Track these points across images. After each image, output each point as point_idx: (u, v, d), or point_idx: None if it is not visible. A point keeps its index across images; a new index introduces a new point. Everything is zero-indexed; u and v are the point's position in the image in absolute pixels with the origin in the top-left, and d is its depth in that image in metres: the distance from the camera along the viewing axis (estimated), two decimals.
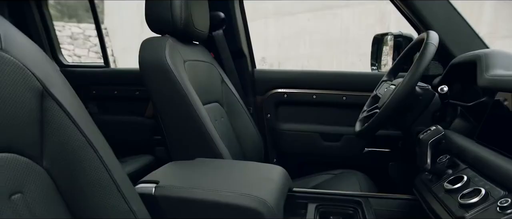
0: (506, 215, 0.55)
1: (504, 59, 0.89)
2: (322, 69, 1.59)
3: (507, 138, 0.70)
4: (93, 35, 6.80)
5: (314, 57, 5.69)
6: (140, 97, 1.65)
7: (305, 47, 5.78)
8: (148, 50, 1.04)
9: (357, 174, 1.30)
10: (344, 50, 5.53)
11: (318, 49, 5.70)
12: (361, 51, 5.46)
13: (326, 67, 5.58)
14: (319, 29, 5.62)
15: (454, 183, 0.71)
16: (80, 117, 0.57)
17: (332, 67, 5.78)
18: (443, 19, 1.22)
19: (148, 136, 1.67)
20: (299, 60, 5.69)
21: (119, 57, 6.27)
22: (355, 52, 5.47)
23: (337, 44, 5.57)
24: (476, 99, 0.92)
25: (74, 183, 0.57)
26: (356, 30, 5.48)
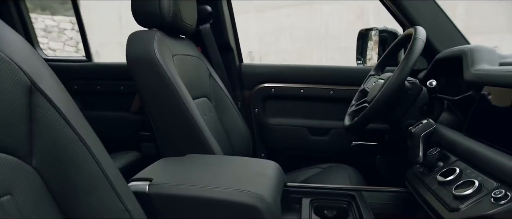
0: (500, 206, 0.56)
1: (488, 55, 0.92)
2: (304, 63, 1.59)
3: (495, 131, 0.72)
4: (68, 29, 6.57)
5: (295, 52, 5.72)
6: (125, 92, 1.61)
7: (285, 42, 5.81)
8: (136, 43, 1.01)
9: (346, 167, 1.32)
10: (324, 45, 5.59)
11: (299, 44, 5.74)
12: (341, 46, 5.54)
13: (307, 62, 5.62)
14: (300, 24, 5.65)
15: (446, 176, 0.72)
16: (71, 112, 0.54)
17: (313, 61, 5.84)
18: (428, 16, 1.25)
19: (133, 131, 1.63)
20: (279, 54, 5.71)
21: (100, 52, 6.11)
22: (335, 47, 5.54)
23: (318, 39, 5.62)
24: (462, 93, 0.95)
25: (66, 182, 0.54)
26: (336, 25, 5.55)
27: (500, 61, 0.91)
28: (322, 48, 5.61)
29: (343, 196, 0.91)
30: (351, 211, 0.87)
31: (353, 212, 0.85)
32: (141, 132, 1.60)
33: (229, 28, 1.51)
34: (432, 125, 0.80)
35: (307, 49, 5.69)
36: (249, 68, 1.57)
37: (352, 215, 0.85)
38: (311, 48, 5.67)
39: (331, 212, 0.87)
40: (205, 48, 1.42)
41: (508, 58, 0.94)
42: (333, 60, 5.48)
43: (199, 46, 1.38)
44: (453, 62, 1.08)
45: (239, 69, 1.56)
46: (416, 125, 0.83)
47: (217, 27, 1.45)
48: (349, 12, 5.39)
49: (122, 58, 1.08)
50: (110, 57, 2.08)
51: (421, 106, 1.01)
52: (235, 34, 1.55)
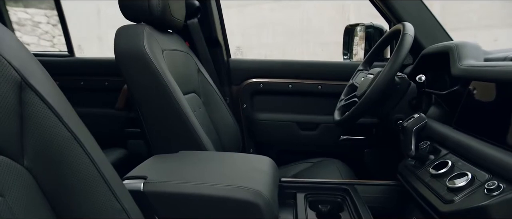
0: (493, 197, 0.58)
1: (473, 50, 0.94)
2: (290, 58, 1.60)
3: (483, 124, 0.75)
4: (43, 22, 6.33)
5: (277, 47, 5.73)
6: (109, 88, 1.57)
7: (267, 36, 5.81)
8: (125, 38, 0.99)
9: (335, 161, 1.34)
10: (306, 40, 5.63)
11: (281, 38, 5.76)
12: (322, 41, 5.60)
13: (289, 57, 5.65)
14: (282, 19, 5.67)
15: (439, 168, 0.74)
16: (63, 109, 0.52)
17: (295, 56, 5.87)
18: (414, 12, 1.28)
19: (119, 128, 1.59)
20: (262, 49, 5.71)
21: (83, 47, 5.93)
22: (317, 42, 5.59)
23: (300, 34, 5.65)
24: (448, 88, 0.98)
25: (60, 182, 0.52)
26: (317, 20, 5.59)
27: (485, 57, 0.94)
28: (304, 43, 5.64)
29: (337, 191, 0.92)
30: (346, 205, 0.88)
31: (348, 206, 0.87)
32: (127, 128, 1.56)
33: (217, 23, 1.49)
34: (423, 119, 0.82)
35: (289, 44, 5.71)
36: (237, 64, 1.56)
37: (347, 209, 0.86)
38: (293, 43, 5.70)
39: (325, 207, 0.87)
40: (193, 43, 1.40)
41: (491, 54, 0.97)
42: (314, 55, 5.53)
43: (187, 41, 1.36)
44: (439, 58, 1.11)
45: (227, 64, 1.55)
46: (408, 119, 0.85)
47: (205, 22, 1.43)
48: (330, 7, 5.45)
49: (101, 53, 1.05)
50: (89, 52, 2.02)
51: (410, 101, 1.03)
52: (223, 29, 1.53)
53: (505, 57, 0.90)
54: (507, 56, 0.90)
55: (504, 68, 0.72)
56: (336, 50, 5.77)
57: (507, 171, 0.60)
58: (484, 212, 0.58)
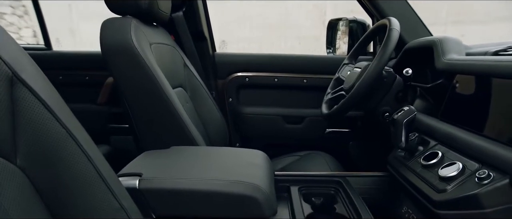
0: (484, 185, 0.61)
1: (456, 45, 0.98)
2: (266, 52, 1.61)
3: (469, 116, 0.78)
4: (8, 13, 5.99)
5: (255, 41, 5.73)
6: (90, 83, 1.52)
7: (245, 30, 5.79)
8: (111, 31, 0.95)
9: (322, 154, 1.36)
10: (284, 34, 5.65)
11: (258, 33, 5.75)
12: (300, 35, 5.64)
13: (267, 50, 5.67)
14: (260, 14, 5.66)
15: (429, 159, 0.77)
16: (57, 105, 0.50)
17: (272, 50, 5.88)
18: (396, 8, 1.31)
19: (102, 124, 1.54)
20: (239, 43, 5.69)
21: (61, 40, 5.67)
22: (294, 36, 5.62)
23: (277, 28, 5.66)
24: (431, 81, 1.01)
25: (55, 181, 0.50)
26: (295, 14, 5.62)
27: (466, 52, 0.98)
28: (282, 37, 5.66)
29: (329, 183, 0.94)
30: (340, 197, 0.89)
31: (342, 197, 0.88)
32: (110, 124, 1.52)
33: (202, 16, 1.47)
34: (413, 112, 0.85)
35: (266, 38, 5.71)
36: (223, 58, 1.55)
37: (341, 201, 0.88)
38: (270, 37, 5.71)
39: (318, 199, 0.89)
40: (178, 37, 1.38)
41: (472, 48, 1.01)
42: (292, 49, 5.56)
43: (172, 35, 1.33)
44: (421, 52, 1.15)
45: (213, 58, 1.53)
46: (398, 112, 0.87)
47: (190, 15, 1.41)
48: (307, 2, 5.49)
49: (74, 46, 1.01)
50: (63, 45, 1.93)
51: (396, 94, 1.06)
52: (208, 22, 1.51)
53: (486, 52, 0.94)
54: (487, 51, 0.94)
55: (487, 62, 0.75)
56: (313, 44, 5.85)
57: (496, 160, 0.63)
58: (476, 200, 0.61)
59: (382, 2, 1.30)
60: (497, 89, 0.72)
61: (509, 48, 0.88)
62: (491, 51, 0.92)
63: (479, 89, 0.79)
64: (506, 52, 0.88)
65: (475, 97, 0.79)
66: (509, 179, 0.59)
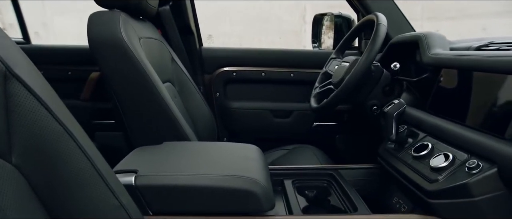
0: (474, 175, 0.64)
1: (440, 40, 1.02)
2: (246, 46, 1.62)
3: (456, 108, 0.81)
4: None
5: (235, 35, 5.70)
6: (73, 78, 1.47)
7: (225, 25, 5.76)
8: (100, 25, 0.93)
9: (311, 147, 1.38)
10: (264, 29, 5.65)
11: (239, 27, 5.73)
12: (280, 29, 5.66)
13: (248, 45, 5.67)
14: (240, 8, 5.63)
15: (420, 151, 0.80)
16: (52, 101, 0.48)
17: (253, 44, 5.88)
18: (381, 4, 1.34)
19: (86, 121, 1.50)
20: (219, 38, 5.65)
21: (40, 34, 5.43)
22: (275, 31, 5.64)
23: (258, 23, 5.66)
24: (418, 75, 1.04)
25: (53, 180, 0.49)
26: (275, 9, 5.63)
27: (450, 47, 1.01)
28: (262, 31, 5.67)
29: (322, 176, 0.95)
30: (333, 189, 0.91)
31: (335, 190, 0.90)
32: (94, 120, 1.48)
33: (189, 10, 1.45)
34: (403, 105, 0.88)
35: (247, 33, 5.70)
36: (210, 52, 1.54)
37: (334, 193, 0.89)
38: (251, 31, 5.70)
39: (312, 192, 0.90)
40: (165, 31, 1.35)
41: (455, 43, 1.05)
42: (273, 44, 5.57)
43: (159, 29, 1.31)
44: (406, 47, 1.18)
45: (200, 53, 1.52)
46: (388, 105, 0.90)
47: (177, 9, 1.39)
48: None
49: (47, 40, 0.98)
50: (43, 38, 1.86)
51: (383, 87, 1.08)
52: (194, 16, 1.50)
53: (469, 47, 0.97)
54: (470, 46, 0.98)
55: (472, 57, 0.79)
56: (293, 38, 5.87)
57: (484, 150, 0.66)
58: (466, 189, 0.64)
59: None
60: (481, 83, 0.75)
61: (491, 44, 0.92)
62: (474, 47, 0.95)
63: (465, 82, 0.82)
64: (488, 48, 0.92)
65: (461, 90, 0.83)
66: (497, 168, 0.62)
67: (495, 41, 0.91)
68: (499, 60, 0.68)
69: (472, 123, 0.74)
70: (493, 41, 0.91)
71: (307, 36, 5.47)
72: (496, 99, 0.70)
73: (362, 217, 0.70)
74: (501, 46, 0.84)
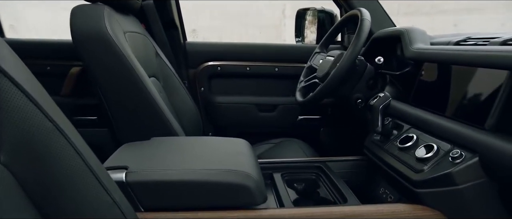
0: (457, 164, 0.67)
1: (421, 35, 1.05)
2: (228, 41, 1.62)
3: (438, 100, 0.84)
4: None
5: (215, 30, 5.66)
6: (52, 73, 1.42)
7: (205, 19, 5.71)
8: (83, 18, 0.91)
9: (296, 141, 1.39)
10: (245, 23, 5.63)
11: (219, 22, 5.69)
12: (261, 24, 5.66)
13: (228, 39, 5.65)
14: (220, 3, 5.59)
15: (405, 142, 0.83)
16: (42, 97, 0.47)
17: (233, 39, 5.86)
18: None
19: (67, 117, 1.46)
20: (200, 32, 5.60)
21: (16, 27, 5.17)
22: (255, 25, 5.63)
23: (238, 17, 5.64)
24: (400, 69, 1.07)
25: (44, 178, 0.47)
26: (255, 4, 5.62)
27: (431, 41, 1.05)
28: (243, 25, 5.65)
29: (310, 168, 0.97)
30: (321, 181, 0.93)
31: (324, 182, 0.92)
32: (75, 117, 1.44)
33: (173, 5, 1.43)
34: (388, 98, 0.90)
35: (227, 27, 5.67)
36: (194, 47, 1.53)
37: (323, 185, 0.91)
38: (231, 25, 5.68)
39: (300, 185, 0.92)
40: (148, 26, 1.33)
41: (435, 38, 1.09)
42: (253, 38, 5.57)
43: (143, 23, 1.29)
44: (388, 41, 1.21)
45: (184, 47, 1.50)
46: (374, 98, 0.92)
47: (161, 3, 1.37)
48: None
49: (16, 34, 0.94)
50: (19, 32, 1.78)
51: (367, 81, 1.11)
52: (178, 10, 1.48)
53: (448, 42, 1.01)
54: (450, 41, 1.01)
55: (452, 51, 0.82)
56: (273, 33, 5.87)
57: (466, 140, 0.69)
58: (450, 178, 0.67)
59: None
60: (461, 76, 0.79)
61: (468, 39, 0.96)
62: (453, 42, 0.99)
63: (446, 76, 0.85)
64: (466, 43, 0.95)
65: (442, 83, 0.86)
66: (478, 158, 0.65)
67: (472, 37, 0.94)
68: (478, 55, 0.71)
69: (454, 114, 0.77)
70: (470, 37, 0.95)
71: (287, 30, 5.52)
72: (476, 92, 0.74)
73: (352, 208, 0.72)
74: (478, 42, 0.87)
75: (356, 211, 0.71)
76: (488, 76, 0.70)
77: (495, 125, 0.66)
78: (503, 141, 0.62)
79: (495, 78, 0.68)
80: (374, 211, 0.71)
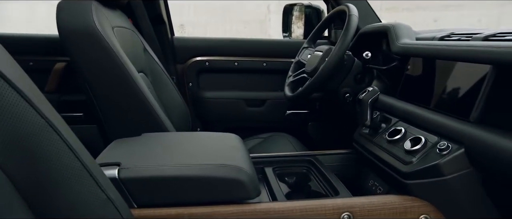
0: (444, 156, 0.70)
1: (407, 31, 1.07)
2: (212, 35, 1.63)
3: (424, 94, 0.87)
4: None
5: (200, 25, 5.64)
6: (35, 69, 1.38)
7: (189, 15, 5.67)
8: (70, 13, 0.89)
9: (284, 135, 1.41)
10: (229, 18, 5.63)
11: (203, 17, 5.67)
12: (245, 19, 5.66)
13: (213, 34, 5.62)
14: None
15: (393, 135, 0.85)
16: (33, 93, 0.46)
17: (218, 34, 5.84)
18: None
19: None
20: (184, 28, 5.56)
21: None
22: (239, 20, 5.63)
23: (222, 13, 5.62)
24: (387, 64, 1.10)
25: (38, 176, 0.47)
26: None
27: (416, 37, 1.07)
28: (227, 21, 5.64)
29: (301, 162, 0.98)
30: (312, 175, 0.94)
31: (315, 175, 0.93)
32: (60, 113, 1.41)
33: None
34: (376, 92, 0.92)
35: (211, 22, 5.65)
36: (182, 42, 1.52)
37: (314, 178, 0.93)
38: (216, 20, 5.66)
39: (292, 179, 0.93)
40: (135, 21, 1.31)
41: (421, 34, 1.11)
42: (237, 33, 5.57)
43: (130, 18, 1.27)
44: (374, 36, 1.24)
45: (171, 42, 1.49)
46: (363, 92, 0.94)
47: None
48: None
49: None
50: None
51: (355, 76, 1.13)
52: (166, 5, 1.46)
53: (433, 37, 1.04)
54: (434, 36, 1.04)
55: (438, 46, 0.84)
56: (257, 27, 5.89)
57: (452, 133, 0.71)
58: (438, 169, 0.69)
59: None
60: (446, 70, 0.81)
61: (452, 35, 0.99)
62: (438, 37, 1.02)
63: (431, 70, 0.88)
64: (450, 38, 0.98)
65: (428, 77, 0.88)
66: (464, 149, 0.68)
67: (455, 32, 0.97)
68: (463, 50, 0.73)
69: (440, 107, 0.79)
70: (454, 32, 0.98)
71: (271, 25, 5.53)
72: (461, 86, 0.76)
73: (344, 200, 0.74)
74: (462, 37, 0.90)
75: (348, 203, 0.73)
76: (472, 71, 0.73)
77: (479, 117, 0.69)
78: (487, 133, 0.64)
79: (478, 72, 0.71)
80: (365, 202, 0.73)
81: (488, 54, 0.67)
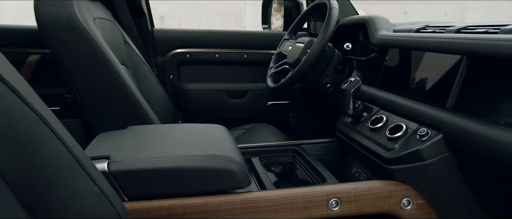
0: (424, 142, 0.74)
1: (385, 23, 1.11)
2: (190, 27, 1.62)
3: (403, 83, 0.91)
4: None
5: (175, 17, 5.55)
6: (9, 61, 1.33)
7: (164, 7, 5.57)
8: (50, 4, 0.85)
9: (267, 126, 1.43)
10: (204, 11, 5.57)
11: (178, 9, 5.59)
12: (220, 11, 5.62)
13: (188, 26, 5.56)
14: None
15: (376, 123, 0.89)
16: (22, 87, 0.45)
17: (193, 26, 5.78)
18: None
19: None
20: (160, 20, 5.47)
21: None
22: (215, 12, 5.59)
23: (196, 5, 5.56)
24: (366, 55, 1.14)
25: (30, 172, 0.46)
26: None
27: (393, 29, 1.12)
28: (202, 13, 5.58)
29: (286, 151, 1.01)
30: (298, 163, 0.97)
31: (300, 164, 0.96)
32: None
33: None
34: (358, 82, 0.95)
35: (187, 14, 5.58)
36: (162, 34, 1.50)
37: (300, 167, 0.95)
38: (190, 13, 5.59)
39: (278, 168, 0.95)
40: (115, 12, 1.28)
41: (397, 26, 1.16)
42: (213, 25, 5.53)
43: (110, 10, 1.24)
44: (353, 28, 1.27)
45: (152, 34, 1.47)
46: (345, 82, 0.97)
47: None
48: None
49: None
50: None
51: (336, 66, 1.16)
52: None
53: (410, 29, 1.08)
54: (411, 28, 1.08)
55: (415, 38, 0.88)
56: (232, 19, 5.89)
57: (431, 119, 0.76)
58: (419, 154, 0.74)
59: None
60: (423, 60, 0.86)
61: (427, 27, 1.03)
62: (414, 29, 1.06)
63: (409, 60, 0.92)
64: (425, 30, 1.03)
65: (406, 67, 0.93)
66: (442, 134, 0.72)
67: (430, 25, 1.02)
68: (438, 42, 0.77)
69: (418, 96, 0.84)
70: (428, 25, 1.02)
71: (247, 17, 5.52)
72: (437, 75, 0.81)
73: (332, 186, 0.77)
74: (436, 29, 0.95)
75: (335, 189, 0.76)
76: (447, 61, 0.77)
77: (455, 104, 0.73)
78: (462, 119, 0.69)
79: (453, 62, 0.75)
80: (352, 188, 0.76)
81: (460, 46, 0.71)
